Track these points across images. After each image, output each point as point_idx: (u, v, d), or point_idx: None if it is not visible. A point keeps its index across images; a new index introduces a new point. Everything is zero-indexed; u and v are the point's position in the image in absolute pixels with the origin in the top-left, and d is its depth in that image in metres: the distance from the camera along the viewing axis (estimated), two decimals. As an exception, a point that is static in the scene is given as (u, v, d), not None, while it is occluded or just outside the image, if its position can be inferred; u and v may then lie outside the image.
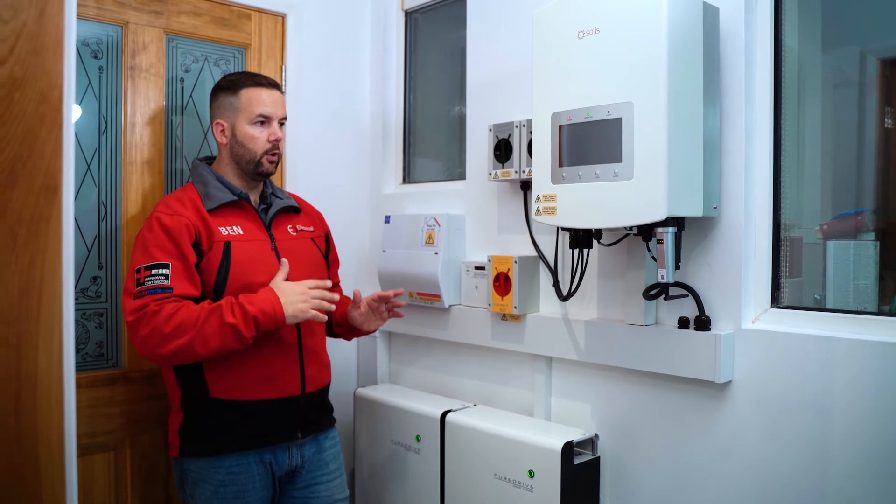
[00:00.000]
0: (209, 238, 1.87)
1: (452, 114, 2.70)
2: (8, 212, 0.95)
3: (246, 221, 1.96)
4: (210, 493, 1.88)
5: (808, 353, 1.68)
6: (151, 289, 1.77)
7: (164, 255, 1.80)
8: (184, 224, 1.84)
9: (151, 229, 1.84)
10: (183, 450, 1.92)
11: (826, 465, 1.66)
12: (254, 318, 1.75)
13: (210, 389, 1.87)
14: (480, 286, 2.35)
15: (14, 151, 0.95)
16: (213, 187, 1.95)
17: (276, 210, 2.03)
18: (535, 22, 1.86)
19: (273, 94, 1.99)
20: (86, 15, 2.13)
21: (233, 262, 1.87)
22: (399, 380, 2.75)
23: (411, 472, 2.35)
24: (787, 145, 1.86)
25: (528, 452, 2.01)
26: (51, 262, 0.98)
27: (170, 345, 1.73)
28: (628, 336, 1.96)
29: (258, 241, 1.95)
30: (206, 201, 1.91)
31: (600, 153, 1.72)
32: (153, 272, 1.78)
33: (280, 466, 1.95)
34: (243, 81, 1.98)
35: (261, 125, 1.96)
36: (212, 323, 1.74)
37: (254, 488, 1.90)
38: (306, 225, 2.12)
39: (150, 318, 1.74)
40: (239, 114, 1.96)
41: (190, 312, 1.75)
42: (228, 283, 1.86)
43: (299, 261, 2.00)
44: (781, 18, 1.84)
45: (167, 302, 1.76)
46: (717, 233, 1.84)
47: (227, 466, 1.88)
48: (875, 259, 1.80)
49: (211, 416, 1.89)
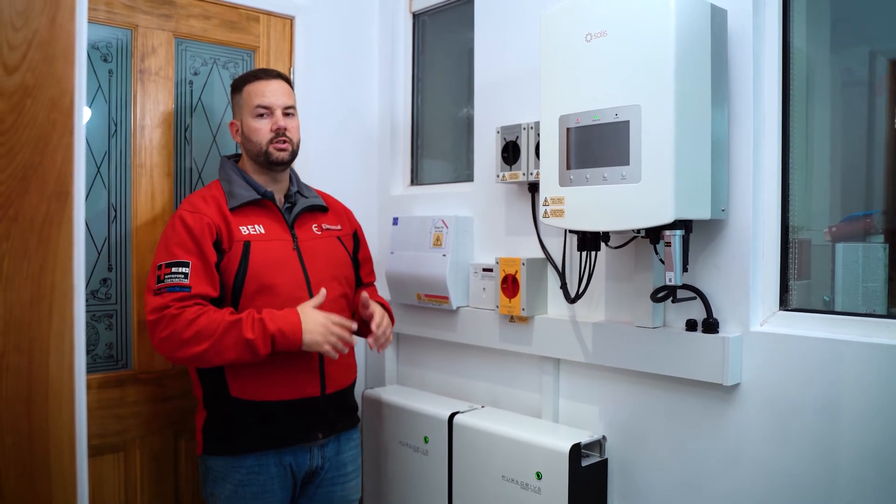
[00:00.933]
0: (229, 237, 1.89)
1: (460, 116, 2.70)
2: (20, 217, 0.96)
3: (268, 220, 1.96)
4: (230, 492, 1.89)
5: (817, 355, 1.68)
6: (170, 286, 1.79)
7: (184, 253, 1.83)
8: (205, 223, 1.86)
9: (174, 227, 1.87)
10: (206, 448, 1.94)
11: (835, 468, 1.66)
12: (272, 337, 1.77)
13: (230, 389, 1.89)
14: (488, 288, 2.35)
15: (26, 158, 0.96)
16: (237, 185, 1.96)
17: (300, 209, 2.02)
18: (543, 24, 1.86)
19: (273, 84, 2.00)
20: (96, 19, 2.15)
21: (251, 262, 1.88)
22: (407, 381, 2.76)
23: (419, 473, 2.36)
24: (795, 147, 1.85)
25: (536, 454, 2.01)
26: (62, 266, 0.99)
27: (187, 350, 1.76)
28: (636, 338, 1.95)
29: (279, 240, 1.95)
30: (230, 200, 1.93)
31: (608, 156, 1.72)
32: (173, 270, 1.81)
33: (301, 468, 1.95)
34: (247, 78, 2.02)
35: (262, 117, 1.97)
36: (231, 335, 1.76)
37: (272, 490, 1.91)
38: (333, 223, 2.12)
39: (169, 320, 1.76)
40: (243, 110, 2.00)
41: (210, 321, 1.76)
42: (246, 283, 1.87)
43: (323, 259, 2.00)
44: (790, 20, 1.83)
45: (188, 305, 1.78)
46: (725, 235, 1.83)
47: (248, 466, 1.89)
48: (884, 261, 1.80)
49: (231, 415, 1.90)
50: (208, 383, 1.92)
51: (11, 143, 0.95)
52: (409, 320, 2.63)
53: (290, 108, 2.02)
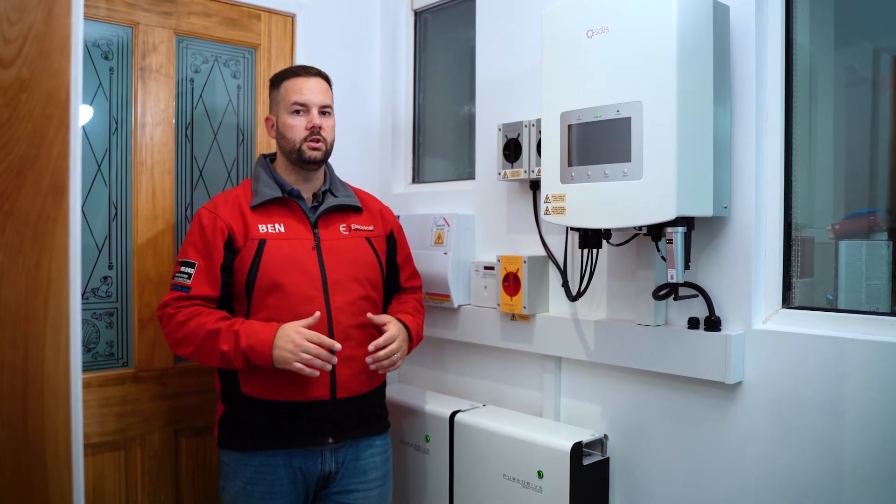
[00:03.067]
0: (245, 235, 1.91)
1: (462, 113, 2.70)
2: (15, 212, 0.95)
3: (291, 219, 1.96)
4: (238, 488, 1.90)
5: (820, 353, 1.67)
6: (175, 285, 1.90)
7: (194, 253, 1.90)
8: (218, 225, 1.91)
9: (193, 225, 1.95)
10: (221, 441, 1.97)
11: (837, 466, 1.65)
12: (243, 352, 1.79)
13: (241, 385, 1.91)
14: (490, 286, 2.35)
15: (21, 152, 0.96)
16: (262, 184, 1.98)
17: (325, 208, 1.99)
18: (545, 20, 1.86)
19: (312, 81, 1.99)
20: (96, 16, 2.14)
21: (263, 260, 1.88)
22: (408, 380, 2.75)
23: (420, 472, 2.35)
24: (798, 144, 1.84)
25: (538, 453, 2.00)
26: (58, 261, 0.98)
27: (180, 350, 1.89)
28: (638, 336, 1.94)
29: (299, 239, 1.94)
30: (254, 197, 1.96)
31: (609, 153, 1.72)
32: (182, 269, 1.90)
33: (311, 472, 1.93)
34: (286, 74, 2.02)
35: (298, 114, 1.96)
36: (209, 344, 1.82)
37: (281, 492, 1.90)
38: (365, 224, 2.08)
39: (167, 319, 1.88)
40: (280, 106, 1.99)
41: (197, 326, 1.83)
42: (258, 282, 1.88)
43: (344, 260, 1.97)
44: (793, 16, 1.82)
45: (185, 306, 1.86)
46: (728, 232, 1.82)
47: (256, 465, 1.89)
48: (888, 259, 1.78)
49: (243, 411, 1.91)
50: (225, 378, 1.95)
51: (7, 137, 0.94)
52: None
53: (327, 108, 2.00)
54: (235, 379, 1.91)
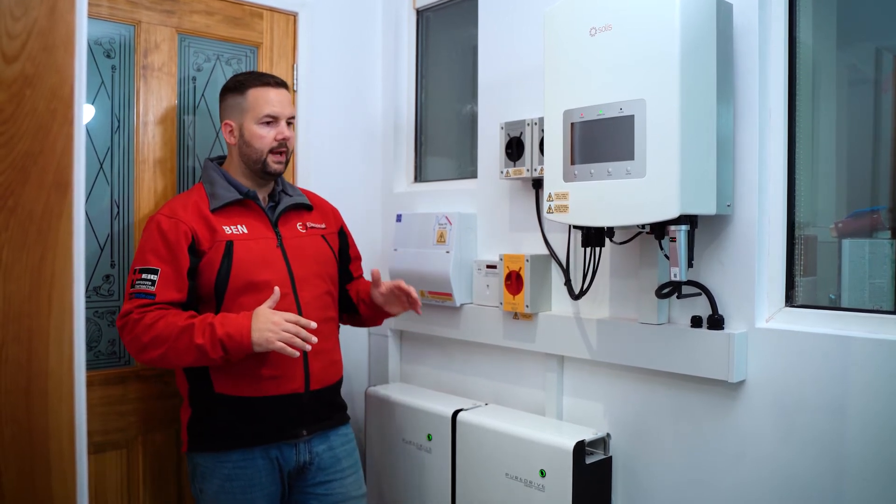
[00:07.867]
0: (211, 237, 1.90)
1: (464, 112, 2.69)
2: (19, 208, 0.95)
3: (252, 220, 1.98)
4: (217, 487, 1.90)
5: (823, 352, 1.66)
6: (137, 293, 1.84)
7: (156, 259, 1.86)
8: (181, 230, 1.88)
9: (150, 232, 1.90)
10: (191, 445, 1.95)
11: (840, 464, 1.64)
12: (220, 342, 1.77)
13: (214, 385, 1.90)
14: (492, 285, 2.34)
15: (25, 148, 0.96)
16: (219, 187, 1.98)
17: (283, 207, 2.04)
18: (548, 18, 1.85)
19: (280, 93, 2.01)
20: (98, 14, 2.14)
21: (235, 260, 1.90)
22: (410, 379, 2.75)
23: (422, 471, 2.35)
24: (801, 143, 1.84)
25: (540, 452, 2.00)
26: (62, 257, 0.98)
27: (148, 354, 1.81)
28: (641, 335, 1.94)
29: (263, 239, 1.97)
30: (212, 201, 1.95)
31: (612, 151, 1.71)
32: (143, 276, 1.85)
33: (287, 462, 1.96)
34: (251, 81, 2.00)
35: (268, 125, 1.98)
36: (183, 340, 1.78)
37: (260, 483, 1.92)
38: (318, 222, 2.13)
39: (132, 326, 1.81)
40: (246, 114, 1.98)
41: (168, 325, 1.79)
42: (231, 281, 1.89)
43: (306, 257, 2.02)
44: (796, 15, 1.82)
45: (150, 310, 1.81)
46: (731, 231, 1.82)
47: (234, 461, 1.90)
48: (891, 257, 1.78)
49: (216, 411, 1.91)
50: (193, 380, 1.93)
51: (11, 132, 0.94)
52: (412, 317, 2.61)
53: (293, 119, 2.05)
54: (207, 379, 1.90)
